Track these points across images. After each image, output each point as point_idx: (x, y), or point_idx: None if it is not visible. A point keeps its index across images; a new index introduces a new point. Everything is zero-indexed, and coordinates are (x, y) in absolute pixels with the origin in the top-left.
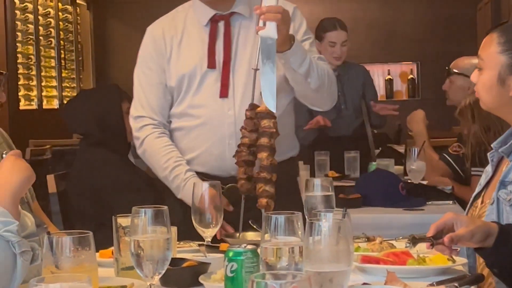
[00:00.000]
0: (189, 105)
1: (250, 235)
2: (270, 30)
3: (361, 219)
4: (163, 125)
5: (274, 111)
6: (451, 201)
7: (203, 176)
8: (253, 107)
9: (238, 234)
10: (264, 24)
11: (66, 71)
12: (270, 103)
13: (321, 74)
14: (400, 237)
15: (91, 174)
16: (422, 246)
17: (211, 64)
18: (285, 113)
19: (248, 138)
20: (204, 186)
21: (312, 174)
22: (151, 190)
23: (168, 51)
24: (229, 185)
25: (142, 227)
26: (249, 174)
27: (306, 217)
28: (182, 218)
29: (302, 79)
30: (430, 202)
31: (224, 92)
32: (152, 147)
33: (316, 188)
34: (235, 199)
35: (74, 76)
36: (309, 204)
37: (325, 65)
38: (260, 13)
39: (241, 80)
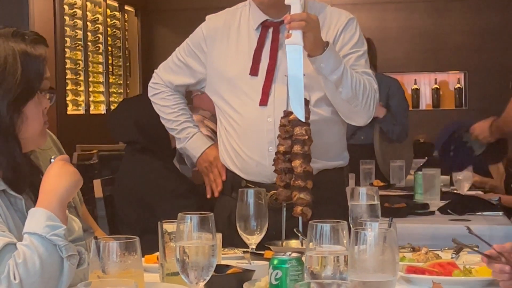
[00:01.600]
0: (229, 106)
1: (295, 243)
2: (296, 38)
3: (406, 229)
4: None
5: (302, 119)
6: (500, 213)
7: (247, 183)
8: (287, 114)
9: (281, 242)
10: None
11: (114, 77)
12: (298, 111)
13: (356, 86)
14: (446, 248)
15: (136, 180)
16: (468, 258)
17: (254, 71)
18: (332, 120)
19: (284, 146)
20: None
21: (358, 183)
22: (195, 197)
23: (216, 46)
24: (272, 191)
25: (187, 233)
26: (287, 182)
27: (351, 226)
28: (227, 225)
29: (332, 87)
30: (478, 213)
31: (264, 100)
32: (165, 98)
33: (361, 197)
34: (278, 206)
35: (121, 82)
36: (354, 213)
37: (367, 79)
38: (286, 22)
39: (282, 88)
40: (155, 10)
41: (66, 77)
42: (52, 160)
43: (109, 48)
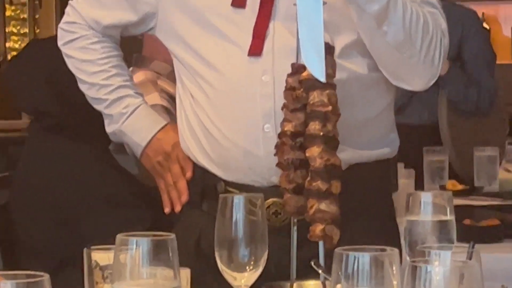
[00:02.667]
0: (197, 57)
1: (313, 286)
2: None
3: (500, 262)
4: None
5: (321, 78)
6: None
7: (228, 186)
8: (296, 70)
9: (291, 284)
10: None
11: (13, 8)
12: (314, 64)
13: (411, 24)
14: None
15: (48, 179)
16: None
17: (239, 0)
18: (371, 81)
19: (292, 123)
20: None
21: (420, 185)
22: (146, 205)
23: None
24: (272, 200)
25: (132, 269)
26: (298, 183)
27: (407, 256)
28: (196, 255)
29: (372, 24)
30: None
31: (257, 47)
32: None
33: (424, 209)
34: (283, 224)
35: (26, 16)
36: (412, 235)
37: (429, 14)
38: None
39: (287, 28)
40: None
41: None
42: None
43: None
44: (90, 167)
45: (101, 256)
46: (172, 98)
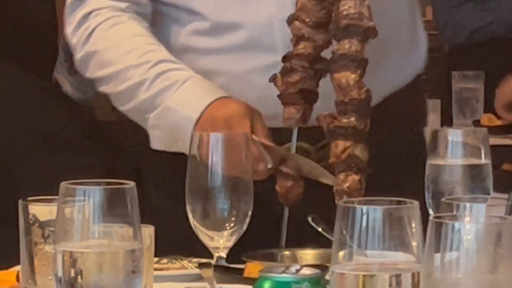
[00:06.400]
0: None
1: (307, 254)
2: None
3: None
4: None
5: None
6: None
7: None
8: None
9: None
10: None
11: None
12: None
13: None
14: None
15: None
16: None
17: None
18: None
19: (309, 44)
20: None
21: (447, 120)
22: (101, 147)
23: None
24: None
25: (81, 226)
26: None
27: (430, 210)
28: (170, 208)
29: None
30: None
31: None
32: (111, 38)
33: (451, 150)
34: None
35: None
36: (437, 184)
37: None
38: None
39: None
40: None
41: None
42: None
43: None
44: (28, 98)
45: (40, 210)
46: None
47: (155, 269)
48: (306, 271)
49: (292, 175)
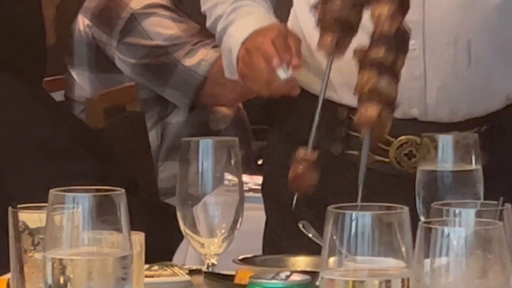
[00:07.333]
0: None
1: (299, 260)
2: None
3: None
4: None
5: None
6: None
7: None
8: None
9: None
10: None
11: None
12: None
13: None
14: None
15: None
16: None
17: None
18: None
19: None
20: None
21: None
22: (92, 154)
23: None
24: (405, 137)
25: (70, 233)
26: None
27: (420, 216)
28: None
29: None
30: None
31: None
32: None
33: (444, 154)
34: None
35: None
36: (425, 189)
37: None
38: None
39: None
40: None
41: None
42: None
43: None
44: (19, 105)
45: (30, 217)
46: None
47: (146, 276)
48: (296, 277)
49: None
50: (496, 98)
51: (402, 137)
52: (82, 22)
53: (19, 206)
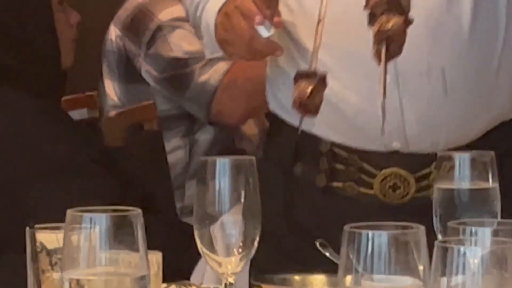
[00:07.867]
0: None
1: (317, 279)
2: None
3: None
4: None
5: None
6: None
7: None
8: None
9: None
10: None
11: None
12: None
13: None
14: None
15: None
16: None
17: None
18: None
19: None
20: None
21: None
22: (111, 174)
23: None
24: (390, 170)
25: (87, 253)
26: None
27: (437, 234)
28: (176, 235)
29: None
30: None
31: None
32: None
33: (460, 172)
34: (403, 200)
35: None
36: (442, 207)
37: None
38: None
39: None
40: None
41: None
42: None
43: None
44: (37, 125)
45: (47, 237)
46: None
47: None
48: None
49: None
50: (479, 124)
51: (386, 170)
52: (114, 32)
53: (36, 226)
